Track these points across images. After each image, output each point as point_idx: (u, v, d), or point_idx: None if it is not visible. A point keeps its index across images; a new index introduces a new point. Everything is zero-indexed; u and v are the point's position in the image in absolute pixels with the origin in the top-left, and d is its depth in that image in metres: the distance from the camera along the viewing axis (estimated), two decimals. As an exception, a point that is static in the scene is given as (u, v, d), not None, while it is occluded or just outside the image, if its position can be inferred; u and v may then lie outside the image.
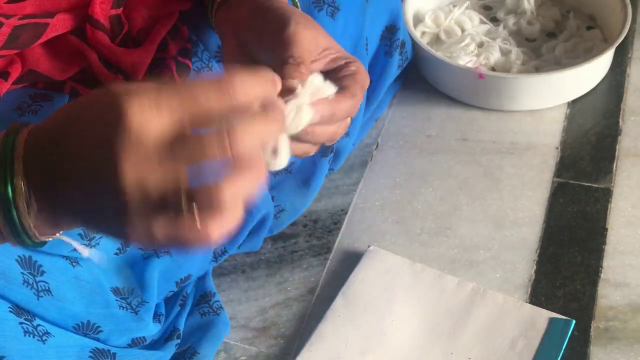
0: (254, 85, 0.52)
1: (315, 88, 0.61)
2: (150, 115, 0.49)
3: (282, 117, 0.55)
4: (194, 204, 0.49)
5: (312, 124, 0.61)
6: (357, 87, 0.67)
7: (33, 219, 0.53)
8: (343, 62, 0.69)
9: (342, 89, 0.65)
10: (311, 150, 0.66)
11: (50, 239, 0.57)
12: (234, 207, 0.50)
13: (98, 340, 0.79)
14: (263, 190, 0.94)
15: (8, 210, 0.53)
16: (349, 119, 0.67)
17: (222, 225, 0.50)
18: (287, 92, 0.61)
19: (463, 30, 1.28)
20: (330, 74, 0.68)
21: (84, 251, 0.63)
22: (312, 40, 0.66)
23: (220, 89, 0.51)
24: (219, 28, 0.78)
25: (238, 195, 0.50)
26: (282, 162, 0.59)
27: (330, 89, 0.63)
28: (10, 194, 0.52)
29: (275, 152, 0.58)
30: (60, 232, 0.57)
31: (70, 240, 0.59)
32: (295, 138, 0.61)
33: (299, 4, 0.80)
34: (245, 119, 0.50)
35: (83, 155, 0.51)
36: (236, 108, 0.51)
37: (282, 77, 0.59)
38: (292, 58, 0.63)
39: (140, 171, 0.49)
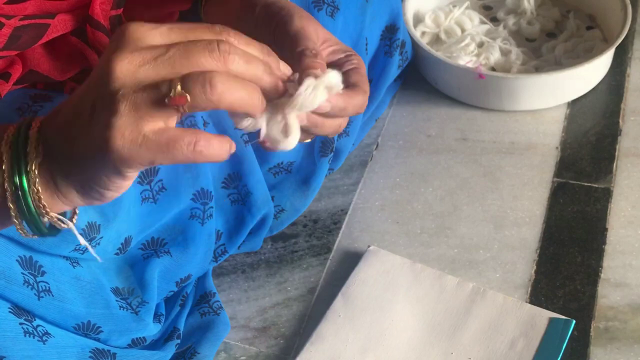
0: (250, 42, 0.54)
1: (330, 81, 0.61)
2: (150, 29, 0.51)
3: (274, 56, 0.56)
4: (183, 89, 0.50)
5: (322, 113, 0.61)
6: (366, 83, 0.67)
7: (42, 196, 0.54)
8: (343, 55, 0.69)
9: (353, 85, 0.65)
10: (309, 138, 0.66)
11: (63, 226, 0.57)
12: (226, 93, 0.51)
13: (98, 340, 0.79)
14: (263, 190, 0.94)
15: (24, 198, 0.54)
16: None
17: (211, 135, 0.52)
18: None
19: (463, 30, 1.28)
20: (332, 67, 0.68)
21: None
22: (314, 31, 0.66)
23: (215, 29, 0.53)
24: (208, 20, 0.78)
25: (229, 91, 0.51)
26: (292, 141, 0.59)
27: (341, 84, 0.63)
28: (25, 182, 0.53)
29: (285, 130, 0.59)
30: (63, 216, 0.58)
31: (74, 229, 0.59)
32: (303, 130, 0.61)
33: None
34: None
35: (84, 83, 0.53)
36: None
37: (303, 68, 0.59)
38: (307, 50, 0.63)
39: (134, 64, 0.50)
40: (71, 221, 0.58)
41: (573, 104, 1.19)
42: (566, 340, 0.89)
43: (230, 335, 0.94)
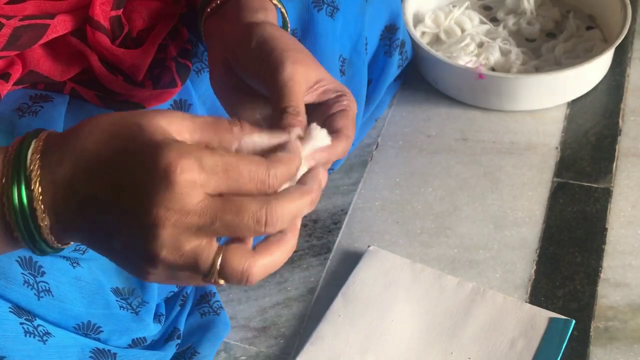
0: (291, 169, 0.55)
1: (316, 140, 0.61)
2: (198, 189, 0.50)
3: (317, 190, 0.56)
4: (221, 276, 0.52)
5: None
6: (350, 127, 0.66)
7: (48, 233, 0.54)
8: (334, 95, 0.68)
9: (336, 132, 0.65)
10: None
11: (67, 247, 0.58)
12: (261, 277, 0.53)
13: (99, 340, 0.79)
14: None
15: (26, 230, 0.54)
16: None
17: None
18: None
19: (463, 30, 1.28)
20: (321, 107, 0.68)
21: None
22: (304, 77, 0.66)
23: (263, 177, 0.52)
24: (206, 35, 0.77)
25: (268, 270, 0.53)
26: None
27: (327, 139, 0.63)
28: (29, 212, 0.53)
29: None
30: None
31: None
32: None
33: (289, 25, 0.79)
34: (283, 195, 0.53)
35: (118, 199, 0.51)
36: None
37: (283, 126, 0.60)
38: (291, 107, 0.63)
39: (178, 230, 0.50)
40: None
41: (573, 104, 1.19)
42: (566, 340, 0.89)
43: (230, 335, 0.94)
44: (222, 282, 0.52)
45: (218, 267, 0.51)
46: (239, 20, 0.71)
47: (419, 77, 1.24)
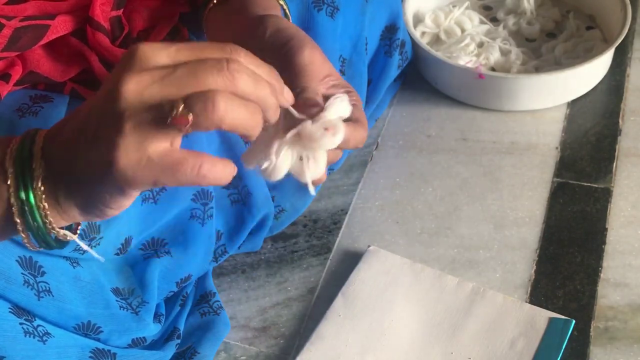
0: (260, 63, 0.54)
1: (340, 109, 0.62)
2: (159, 49, 0.51)
3: (280, 81, 0.56)
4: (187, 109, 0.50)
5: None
6: (365, 120, 0.67)
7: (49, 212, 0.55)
8: (342, 90, 0.68)
9: (355, 120, 0.65)
10: None
11: (69, 239, 0.58)
12: (229, 113, 0.50)
13: (98, 340, 0.79)
14: (263, 191, 0.94)
15: (31, 214, 0.54)
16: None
17: (215, 159, 0.52)
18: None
19: (463, 30, 1.28)
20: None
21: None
22: (321, 65, 0.66)
23: (226, 49, 0.52)
24: (209, 29, 0.77)
25: (231, 112, 0.50)
26: (320, 171, 0.61)
27: (347, 108, 0.63)
28: (32, 198, 0.54)
29: (310, 165, 0.61)
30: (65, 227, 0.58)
31: (80, 242, 0.60)
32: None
33: (290, 17, 0.79)
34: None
35: (91, 99, 0.53)
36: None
37: (301, 103, 0.61)
38: (310, 89, 0.63)
39: (141, 85, 0.50)
40: (75, 232, 0.59)
41: (573, 104, 1.19)
42: (566, 340, 0.89)
43: (230, 335, 0.94)
44: (189, 116, 0.50)
45: (181, 102, 0.50)
46: (247, 13, 0.71)
47: (419, 77, 1.24)
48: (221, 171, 0.52)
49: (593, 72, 1.18)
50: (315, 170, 0.61)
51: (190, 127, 0.50)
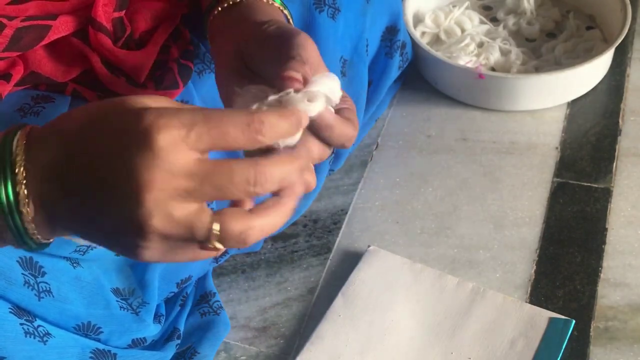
0: (284, 127, 0.52)
1: (323, 86, 0.60)
2: (179, 144, 0.49)
3: (308, 158, 0.56)
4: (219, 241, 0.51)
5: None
6: (357, 122, 0.66)
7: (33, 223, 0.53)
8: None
9: (346, 119, 0.65)
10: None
11: (52, 240, 0.57)
12: (258, 239, 0.52)
13: (99, 341, 0.79)
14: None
15: (10, 216, 0.52)
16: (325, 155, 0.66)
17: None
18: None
19: (463, 31, 1.28)
20: None
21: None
22: (317, 56, 0.66)
23: (250, 128, 0.50)
24: (214, 31, 0.77)
25: (265, 231, 0.52)
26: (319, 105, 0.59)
27: (338, 92, 0.62)
28: (13, 199, 0.52)
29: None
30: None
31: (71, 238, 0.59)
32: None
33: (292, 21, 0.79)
34: (271, 157, 0.51)
35: (99, 172, 0.50)
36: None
37: (286, 70, 0.59)
38: (299, 56, 0.62)
39: (166, 195, 0.48)
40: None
41: (573, 104, 1.19)
42: (566, 340, 0.89)
43: (230, 335, 0.94)
44: (220, 246, 0.50)
45: (215, 230, 0.50)
46: (252, 19, 0.71)
47: (419, 77, 1.24)
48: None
49: (593, 72, 1.18)
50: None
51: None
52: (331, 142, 0.62)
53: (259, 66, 0.67)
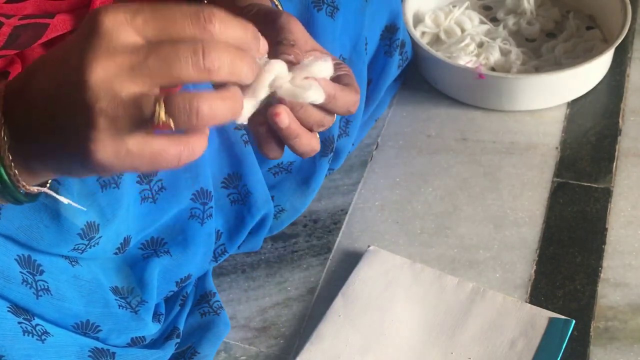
0: (235, 27, 0.51)
1: (311, 67, 0.60)
2: (124, 24, 0.48)
3: (254, 62, 0.53)
4: (167, 114, 0.48)
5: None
6: (357, 87, 0.66)
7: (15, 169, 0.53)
8: (333, 62, 0.68)
9: (345, 85, 0.65)
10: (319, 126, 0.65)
11: (40, 191, 0.56)
12: (209, 121, 0.49)
13: (97, 339, 0.79)
14: (263, 190, 0.94)
15: None
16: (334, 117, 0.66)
17: (194, 142, 0.51)
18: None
19: (463, 30, 1.28)
20: None
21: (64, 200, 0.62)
22: (303, 34, 0.66)
23: (199, 18, 0.49)
24: None
25: (219, 109, 0.49)
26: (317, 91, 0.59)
27: (328, 69, 0.61)
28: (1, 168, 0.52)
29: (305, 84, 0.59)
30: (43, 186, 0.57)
31: (53, 194, 0.58)
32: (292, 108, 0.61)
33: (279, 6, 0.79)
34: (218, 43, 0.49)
35: (53, 72, 0.50)
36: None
37: (275, 55, 0.59)
38: (285, 40, 0.62)
39: (109, 72, 0.47)
40: (45, 186, 0.58)
41: (573, 104, 1.19)
42: (566, 340, 0.89)
43: (230, 335, 0.94)
44: (170, 122, 0.48)
45: (162, 103, 0.47)
46: (238, 5, 0.71)
47: (419, 77, 1.24)
48: (199, 153, 0.51)
49: (593, 72, 1.18)
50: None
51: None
52: (336, 111, 0.62)
53: None
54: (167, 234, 0.87)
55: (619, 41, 1.17)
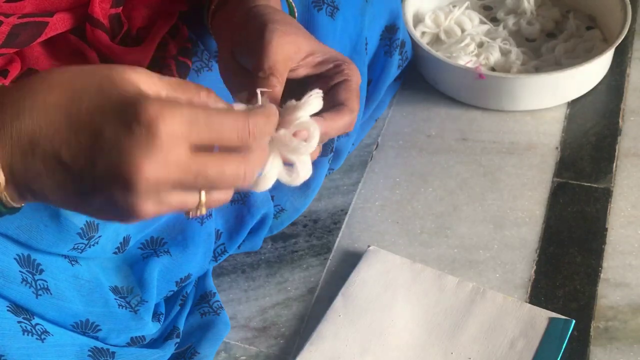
0: (270, 121, 0.56)
1: (311, 106, 0.61)
2: (181, 141, 0.50)
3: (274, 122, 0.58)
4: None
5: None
6: (354, 100, 0.66)
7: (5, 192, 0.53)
8: (332, 64, 0.68)
9: (339, 106, 0.65)
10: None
11: (21, 206, 0.56)
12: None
13: (97, 339, 0.79)
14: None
15: None
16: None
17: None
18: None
19: (463, 31, 1.28)
20: (320, 80, 0.67)
21: None
22: (291, 47, 0.65)
23: (246, 131, 0.53)
24: (215, 31, 0.77)
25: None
26: (304, 175, 0.62)
27: (318, 105, 0.62)
28: None
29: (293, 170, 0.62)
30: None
31: None
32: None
33: (295, 11, 0.79)
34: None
35: (89, 159, 0.50)
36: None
37: (253, 89, 0.61)
38: (262, 72, 0.64)
39: (160, 182, 0.50)
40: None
41: (573, 104, 1.18)
42: (566, 340, 0.89)
43: (230, 335, 0.94)
44: (204, 209, 0.55)
45: (204, 207, 0.55)
46: (242, 6, 0.71)
47: (419, 77, 1.24)
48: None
49: (593, 72, 1.18)
50: (303, 173, 0.61)
51: None
52: (332, 137, 0.63)
53: (244, 62, 0.68)
54: (166, 233, 0.87)
55: (619, 41, 1.17)
